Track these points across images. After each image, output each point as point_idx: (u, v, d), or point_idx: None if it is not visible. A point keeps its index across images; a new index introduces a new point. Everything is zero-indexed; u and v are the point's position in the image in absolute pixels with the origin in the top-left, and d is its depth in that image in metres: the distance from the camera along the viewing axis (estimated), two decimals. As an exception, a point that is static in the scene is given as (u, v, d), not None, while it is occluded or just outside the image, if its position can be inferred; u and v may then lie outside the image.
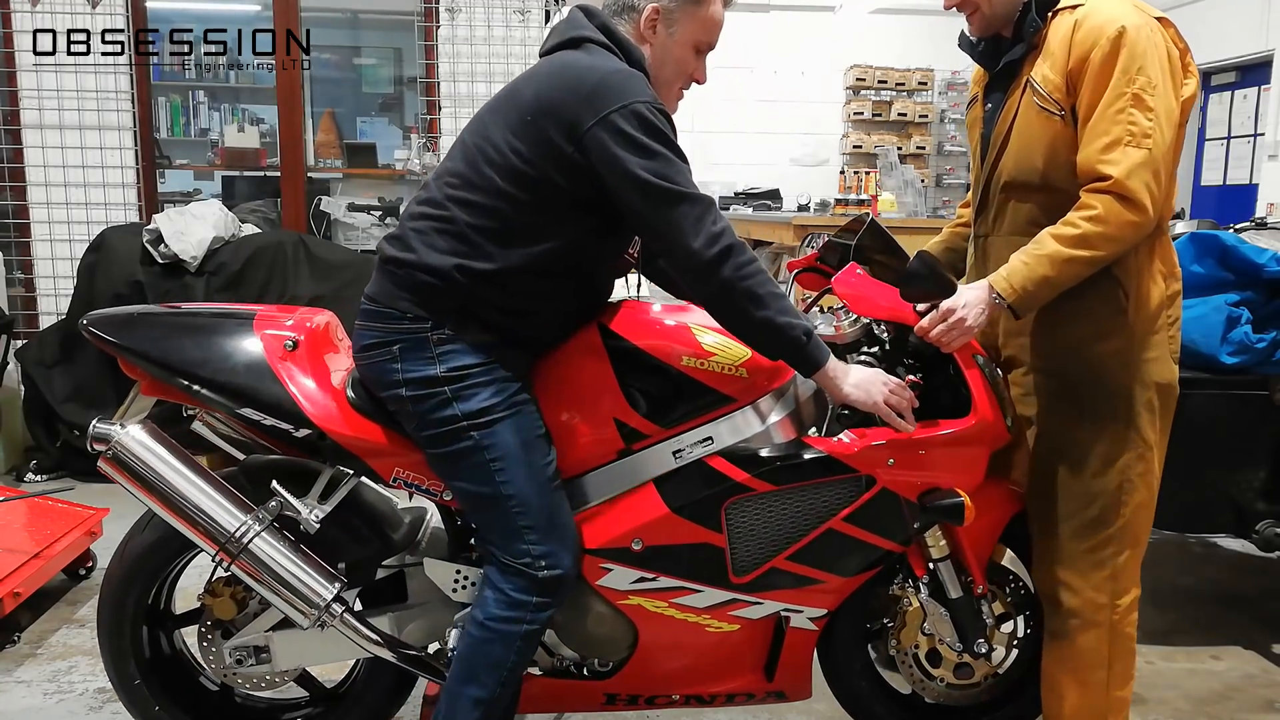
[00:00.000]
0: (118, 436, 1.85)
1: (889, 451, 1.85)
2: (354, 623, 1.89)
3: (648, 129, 1.69)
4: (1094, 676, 1.96)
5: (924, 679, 2.10)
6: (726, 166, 8.50)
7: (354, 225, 5.16)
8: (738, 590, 1.90)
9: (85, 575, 3.24)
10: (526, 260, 1.77)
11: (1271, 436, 2.75)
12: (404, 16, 5.26)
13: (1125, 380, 1.90)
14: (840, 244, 2.05)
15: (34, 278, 4.75)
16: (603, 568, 1.87)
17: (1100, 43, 1.76)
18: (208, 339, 1.88)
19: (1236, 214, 5.37)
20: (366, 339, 1.84)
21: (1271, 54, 7.39)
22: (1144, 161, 1.74)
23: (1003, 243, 1.97)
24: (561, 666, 2.00)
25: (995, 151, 1.96)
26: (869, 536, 1.90)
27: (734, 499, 1.86)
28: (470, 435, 1.77)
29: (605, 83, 1.71)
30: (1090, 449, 1.92)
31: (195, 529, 1.84)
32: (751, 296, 1.72)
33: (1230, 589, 3.38)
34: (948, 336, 1.82)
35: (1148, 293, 1.88)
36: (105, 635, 2.00)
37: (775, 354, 1.80)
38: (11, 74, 4.62)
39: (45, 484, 4.16)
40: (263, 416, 1.84)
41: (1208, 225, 3.34)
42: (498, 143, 1.76)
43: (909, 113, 8.86)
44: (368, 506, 2.01)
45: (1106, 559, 1.93)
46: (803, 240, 2.36)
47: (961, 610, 2.00)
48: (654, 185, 1.69)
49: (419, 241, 1.79)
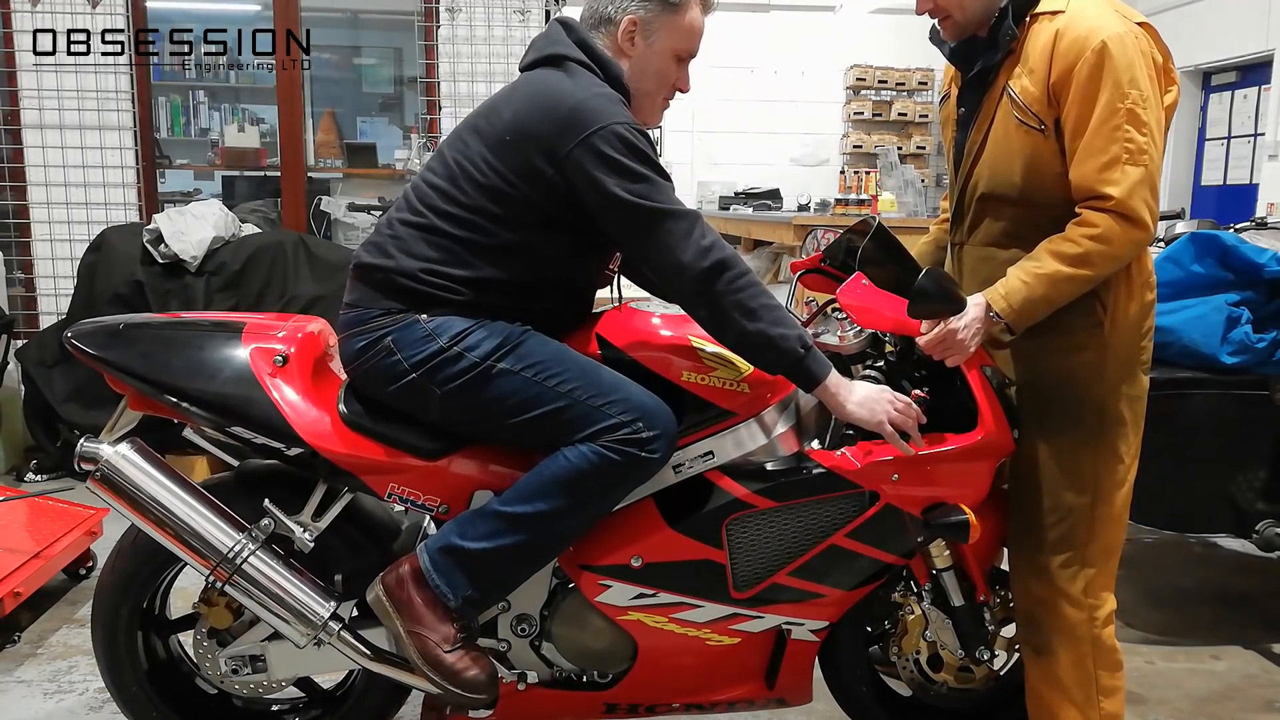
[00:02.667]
0: (106, 456, 1.80)
1: (893, 467, 1.81)
2: (350, 640, 1.85)
3: (628, 149, 1.69)
4: (1080, 693, 1.93)
5: (925, 683, 2.09)
6: (726, 166, 8.51)
7: (354, 225, 5.16)
8: (738, 605, 1.88)
9: (85, 575, 3.24)
10: (502, 272, 1.77)
11: (1271, 436, 2.75)
12: (404, 16, 5.26)
13: (1098, 393, 1.86)
14: (844, 244, 2.01)
15: (34, 278, 4.74)
16: (601, 584, 1.85)
17: (1085, 55, 1.71)
18: (196, 354, 1.83)
19: (1236, 214, 5.37)
20: (356, 344, 1.81)
21: (1271, 54, 7.38)
22: (1142, 179, 1.71)
23: (976, 253, 1.95)
24: (561, 677, 1.98)
25: (970, 160, 1.92)
26: (872, 552, 1.88)
27: (735, 515, 1.83)
28: (500, 367, 1.72)
29: (583, 105, 1.71)
30: (1063, 462, 1.88)
31: (188, 549, 1.80)
32: (745, 310, 1.69)
33: (1230, 589, 3.38)
34: (947, 354, 1.80)
35: (1125, 306, 1.85)
36: (100, 643, 1.97)
37: (774, 367, 1.76)
38: (11, 74, 4.62)
39: (45, 484, 4.15)
40: (253, 435, 1.80)
41: (1208, 225, 3.34)
42: (477, 161, 1.77)
43: (909, 113, 8.86)
44: (364, 516, 1.98)
45: (1080, 573, 1.89)
46: (805, 238, 2.34)
47: (964, 618, 1.98)
48: (637, 205, 1.68)
49: (395, 248, 1.79)
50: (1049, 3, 1.80)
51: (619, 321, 1.89)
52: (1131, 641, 2.92)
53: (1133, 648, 2.87)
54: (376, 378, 1.81)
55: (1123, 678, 1.98)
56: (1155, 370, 2.72)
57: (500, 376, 1.73)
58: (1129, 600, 3.24)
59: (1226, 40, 7.80)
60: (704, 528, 1.83)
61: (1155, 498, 2.80)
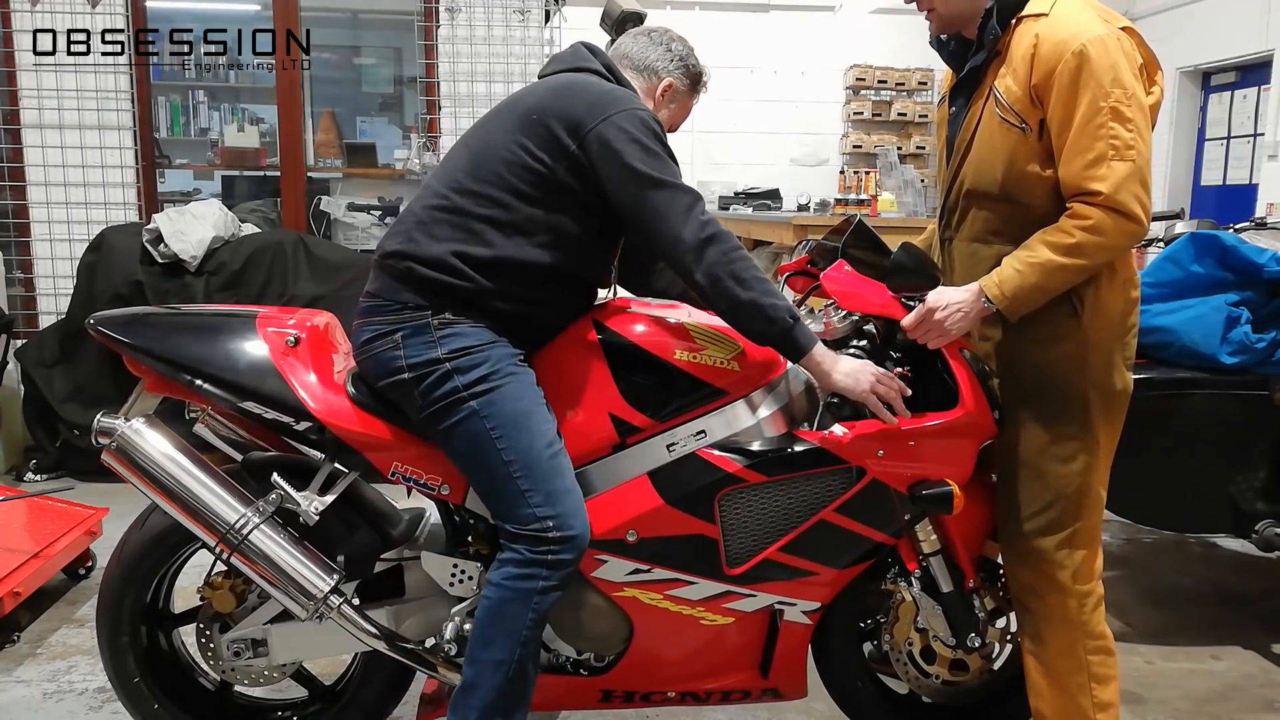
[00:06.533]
0: (121, 429, 1.87)
1: (879, 443, 1.88)
2: (351, 614, 1.90)
3: (645, 130, 1.84)
4: (1074, 680, 1.97)
5: (920, 676, 2.12)
6: (726, 166, 8.52)
7: (354, 225, 5.16)
8: (731, 582, 1.92)
9: (85, 575, 3.24)
10: (522, 251, 1.86)
11: (1271, 436, 2.75)
12: (404, 16, 5.26)
13: (1078, 385, 1.91)
14: (829, 246, 2.08)
15: (34, 277, 4.74)
16: (598, 559, 1.90)
17: (1065, 58, 1.76)
18: (211, 336, 1.91)
19: (1236, 214, 5.37)
20: (368, 333, 1.89)
21: (1271, 54, 7.39)
22: (1131, 173, 1.75)
23: (964, 247, 2.00)
24: (557, 663, 2.01)
25: (958, 157, 1.98)
26: (860, 528, 1.92)
27: (727, 490, 1.89)
28: (469, 405, 1.81)
29: (610, 92, 1.88)
30: (1046, 452, 1.94)
31: (196, 520, 1.86)
32: (738, 279, 1.79)
33: (1230, 589, 3.39)
34: (928, 335, 1.87)
35: (1105, 300, 1.89)
36: (104, 632, 2.02)
37: (763, 337, 1.84)
38: (11, 74, 4.62)
39: (45, 484, 4.15)
40: (264, 410, 1.87)
41: (1208, 225, 3.34)
42: (504, 140, 1.88)
43: (909, 112, 8.87)
44: (367, 504, 2.03)
45: (1067, 559, 1.95)
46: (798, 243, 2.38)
47: (953, 604, 2.02)
48: (648, 175, 1.81)
49: (419, 233, 1.88)
50: (1034, 5, 1.84)
51: (615, 309, 1.97)
52: (1131, 641, 2.92)
53: (1132, 648, 2.88)
54: (377, 367, 1.88)
55: (1115, 666, 2.01)
56: (1155, 370, 2.75)
57: (467, 417, 1.82)
58: (1129, 600, 3.24)
59: (1226, 40, 7.81)
60: (697, 502, 1.88)
61: (1155, 498, 2.81)
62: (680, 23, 8.65)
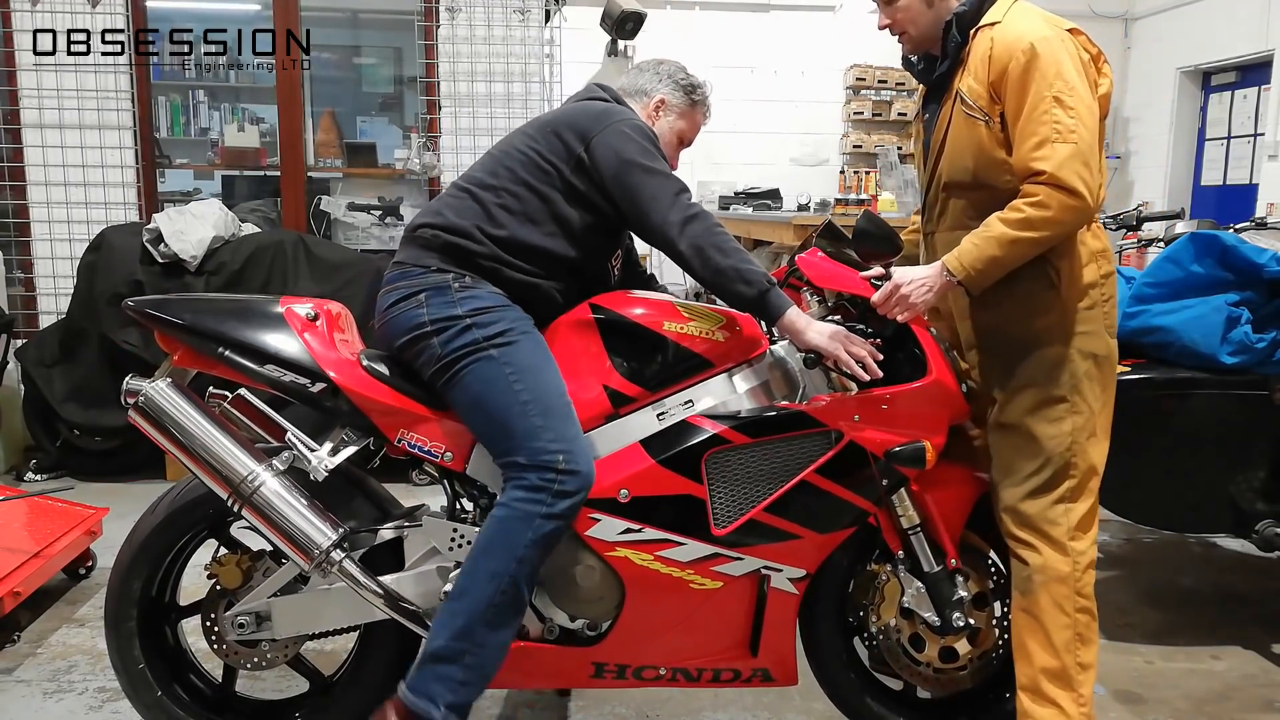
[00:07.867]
0: (147, 389, 2.01)
1: (854, 407, 2.01)
2: (353, 570, 1.99)
3: (641, 134, 2.12)
4: (1060, 637, 2.06)
5: (910, 664, 2.17)
6: (726, 166, 8.51)
7: (354, 225, 5.15)
8: (719, 544, 2.01)
9: (85, 575, 3.24)
10: (531, 236, 2.09)
11: (1271, 436, 2.75)
12: (404, 16, 5.25)
13: (1063, 351, 2.06)
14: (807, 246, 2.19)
15: (34, 277, 4.75)
16: (591, 518, 1.99)
17: (1015, 55, 1.97)
18: (238, 311, 2.07)
19: (1236, 214, 5.37)
20: (393, 296, 2.08)
21: (1271, 54, 7.39)
22: (1073, 154, 1.92)
23: (946, 237, 2.16)
24: (550, 634, 2.07)
25: (934, 156, 2.17)
26: (840, 490, 2.03)
27: (713, 450, 2.00)
28: (489, 352, 1.98)
29: (614, 109, 2.18)
30: (1037, 415, 2.07)
31: (211, 474, 1.98)
32: (719, 249, 1.99)
33: (1230, 589, 3.39)
34: (896, 309, 2.00)
35: (1078, 273, 2.06)
36: (111, 617, 2.10)
37: (742, 299, 2.00)
38: (11, 74, 4.62)
39: (45, 484, 4.16)
40: (283, 373, 2.00)
41: (1208, 225, 3.34)
42: (520, 145, 2.16)
43: (909, 112, 8.85)
44: (371, 488, 2.16)
45: (1061, 516, 2.07)
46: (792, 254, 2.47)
47: (936, 583, 2.09)
48: (641, 164, 2.05)
49: (446, 210, 2.13)
50: (990, 15, 2.07)
51: (609, 293, 2.15)
52: (1131, 641, 2.92)
53: (1132, 647, 2.88)
54: (399, 324, 2.05)
55: (1096, 631, 2.11)
56: (1155, 370, 2.76)
57: (487, 362, 1.98)
58: (1129, 600, 3.24)
59: (1226, 40, 7.82)
60: (684, 462, 2.00)
61: (1155, 497, 2.82)
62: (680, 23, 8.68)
